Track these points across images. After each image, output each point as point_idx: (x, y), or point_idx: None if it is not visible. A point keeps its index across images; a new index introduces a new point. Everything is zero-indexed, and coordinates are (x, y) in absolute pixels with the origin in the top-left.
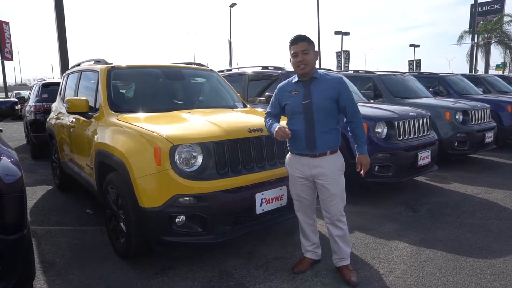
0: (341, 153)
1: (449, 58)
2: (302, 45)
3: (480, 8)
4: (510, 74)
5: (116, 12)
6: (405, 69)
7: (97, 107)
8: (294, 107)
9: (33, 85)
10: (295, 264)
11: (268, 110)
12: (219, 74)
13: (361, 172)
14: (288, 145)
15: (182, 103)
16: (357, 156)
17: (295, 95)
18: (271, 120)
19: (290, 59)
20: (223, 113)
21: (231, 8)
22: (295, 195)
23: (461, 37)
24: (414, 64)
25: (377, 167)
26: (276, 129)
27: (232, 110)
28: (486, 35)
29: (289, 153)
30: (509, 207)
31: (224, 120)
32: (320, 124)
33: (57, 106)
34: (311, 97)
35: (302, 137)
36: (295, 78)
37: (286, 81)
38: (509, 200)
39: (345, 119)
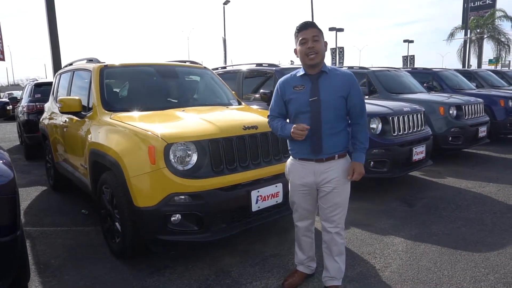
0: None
1: (442, 54)
2: (312, 31)
3: (472, 4)
4: (503, 68)
5: (109, 11)
6: (400, 64)
7: (90, 106)
8: (299, 105)
9: (26, 85)
10: (286, 278)
11: (270, 113)
12: (213, 71)
13: (350, 177)
14: (289, 148)
15: (176, 101)
16: (351, 162)
17: (300, 91)
18: (279, 122)
19: (296, 49)
20: (218, 111)
21: (225, 5)
22: (295, 204)
23: (451, 35)
24: (408, 59)
25: (372, 162)
26: (292, 129)
27: (227, 107)
28: (478, 30)
29: (290, 157)
30: (503, 201)
31: (219, 118)
32: (328, 125)
33: (50, 106)
34: (319, 93)
35: (306, 139)
36: (300, 72)
37: (289, 74)
38: (502, 194)
39: (349, 121)
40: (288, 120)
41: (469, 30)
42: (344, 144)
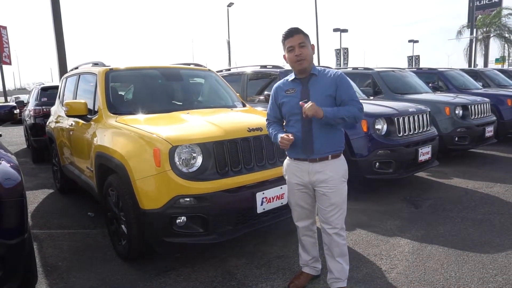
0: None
1: (448, 53)
2: (298, 38)
3: (478, 2)
4: (510, 67)
5: (114, 15)
6: (405, 65)
7: (96, 109)
8: (290, 108)
9: (32, 89)
10: (292, 280)
11: (267, 117)
12: (218, 74)
13: (302, 105)
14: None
15: (181, 103)
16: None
17: (291, 94)
18: (275, 129)
19: (284, 55)
20: (222, 113)
21: (229, 7)
22: (293, 203)
23: (459, 32)
24: (413, 59)
25: (377, 163)
26: (279, 139)
27: (231, 109)
28: (485, 29)
29: (287, 158)
30: (511, 201)
31: (223, 120)
32: (319, 125)
33: (56, 109)
34: (309, 95)
35: (299, 140)
36: (291, 76)
37: (282, 80)
38: (510, 194)
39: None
40: (284, 123)
41: (475, 29)
42: (337, 145)
